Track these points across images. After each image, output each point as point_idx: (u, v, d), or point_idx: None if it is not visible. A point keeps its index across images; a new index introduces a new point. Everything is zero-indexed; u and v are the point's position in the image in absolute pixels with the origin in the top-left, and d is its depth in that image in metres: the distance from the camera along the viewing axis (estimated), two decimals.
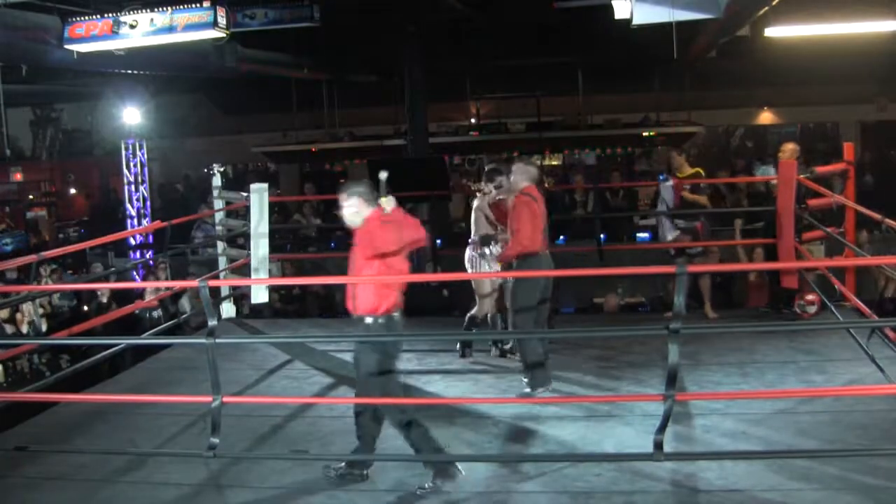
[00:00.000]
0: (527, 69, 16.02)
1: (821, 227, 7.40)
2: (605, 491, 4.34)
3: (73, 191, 18.71)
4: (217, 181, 8.47)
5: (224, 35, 8.01)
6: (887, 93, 16.19)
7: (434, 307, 9.59)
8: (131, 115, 14.96)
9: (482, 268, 6.79)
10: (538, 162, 14.97)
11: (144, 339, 7.26)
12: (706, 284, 7.88)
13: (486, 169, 6.79)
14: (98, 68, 10.58)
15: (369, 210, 4.62)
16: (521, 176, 6.05)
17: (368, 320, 4.59)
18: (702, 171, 8.18)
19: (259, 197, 7.59)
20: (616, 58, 14.22)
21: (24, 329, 8.66)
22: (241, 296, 8.77)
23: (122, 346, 6.88)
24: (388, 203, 4.62)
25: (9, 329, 8.66)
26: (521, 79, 16.74)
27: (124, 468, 4.89)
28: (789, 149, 7.81)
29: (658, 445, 4.43)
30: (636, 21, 7.24)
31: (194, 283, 5.26)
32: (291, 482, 4.63)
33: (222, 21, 7.79)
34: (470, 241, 6.91)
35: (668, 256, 8.02)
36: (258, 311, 8.96)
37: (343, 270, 4.97)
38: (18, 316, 8.77)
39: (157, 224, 8.71)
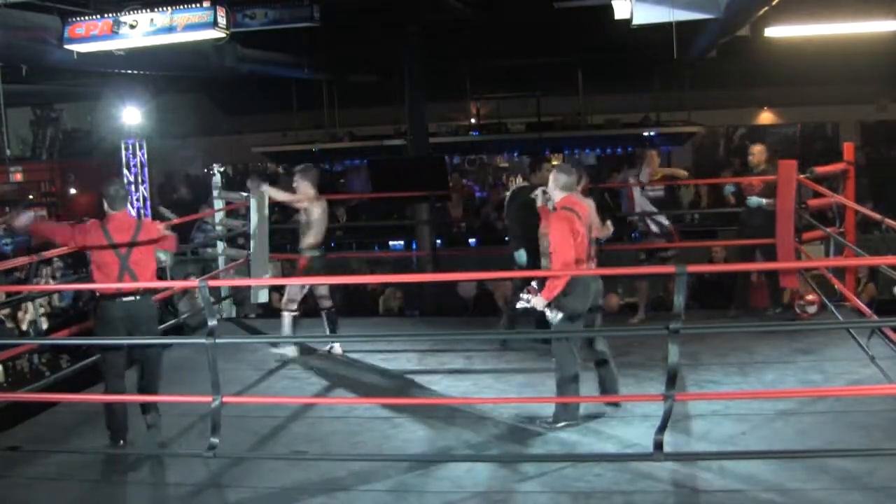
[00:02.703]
0: (527, 69, 16.03)
1: (820, 226, 7.40)
2: (605, 491, 4.34)
3: (73, 191, 18.71)
4: (217, 181, 8.48)
5: (224, 35, 8.00)
6: (887, 93, 16.19)
7: (451, 308, 9.64)
8: (131, 115, 14.95)
9: None
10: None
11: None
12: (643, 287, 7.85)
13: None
14: (98, 68, 10.57)
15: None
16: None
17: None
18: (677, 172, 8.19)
19: (259, 197, 7.59)
20: (616, 58, 14.23)
21: (25, 327, 8.68)
22: (242, 298, 8.76)
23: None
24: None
25: (9, 325, 8.68)
26: (521, 79, 16.75)
27: (124, 468, 4.89)
28: (758, 151, 7.83)
29: (658, 445, 4.44)
30: (636, 21, 7.24)
31: (194, 282, 5.26)
32: (291, 482, 4.63)
33: (222, 21, 7.78)
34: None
35: (639, 259, 8.00)
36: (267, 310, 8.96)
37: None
38: (20, 315, 8.79)
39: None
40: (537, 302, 5.07)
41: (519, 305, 5.22)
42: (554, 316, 5.11)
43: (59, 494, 4.64)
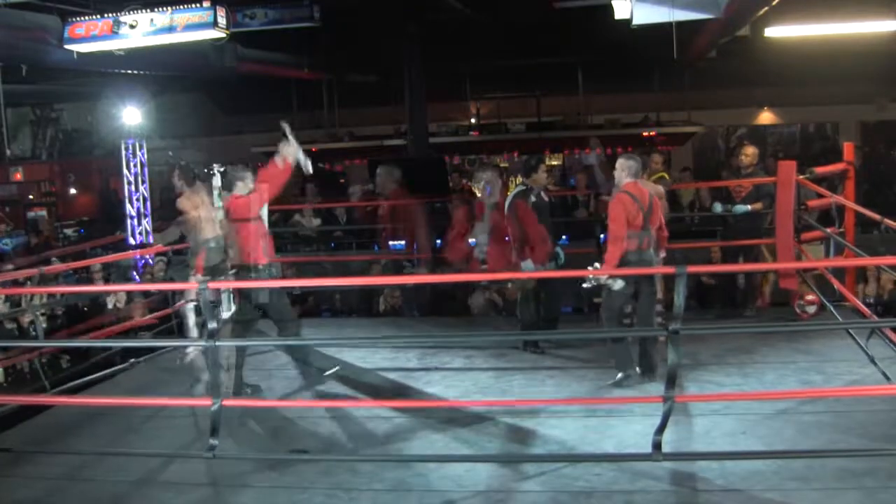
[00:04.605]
0: (527, 69, 16.03)
1: (820, 227, 7.40)
2: (605, 491, 4.34)
3: (73, 191, 18.70)
4: (217, 181, 8.46)
5: (224, 35, 8.01)
6: (887, 93, 16.20)
7: (449, 309, 9.62)
8: (131, 115, 14.93)
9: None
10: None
11: (144, 341, 7.27)
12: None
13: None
14: (98, 68, 10.58)
15: None
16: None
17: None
18: (666, 176, 8.18)
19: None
20: (616, 58, 14.23)
21: (26, 325, 8.67)
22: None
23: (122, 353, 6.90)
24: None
25: (9, 326, 8.67)
26: (521, 79, 16.75)
27: (124, 468, 4.89)
28: (751, 152, 7.86)
29: (657, 446, 4.45)
30: (636, 21, 7.24)
31: (194, 284, 5.27)
32: (291, 482, 4.63)
33: (222, 21, 7.80)
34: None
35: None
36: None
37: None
38: (19, 315, 8.78)
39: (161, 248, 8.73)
40: (602, 277, 5.81)
41: (585, 286, 5.89)
42: (614, 282, 5.84)
43: (59, 494, 4.64)
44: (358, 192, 7.88)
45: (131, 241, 14.18)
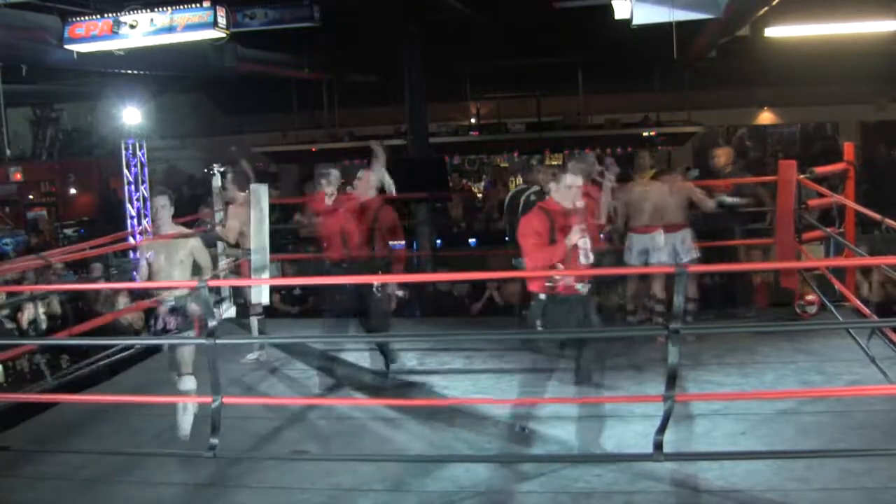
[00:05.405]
0: (527, 69, 16.03)
1: (820, 227, 7.40)
2: (605, 491, 4.34)
3: (73, 191, 18.70)
4: (217, 181, 8.46)
5: (224, 35, 8.01)
6: (887, 93, 16.20)
7: (445, 308, 9.62)
8: (131, 115, 14.93)
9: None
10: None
11: (144, 340, 7.26)
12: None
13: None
14: (98, 68, 10.57)
15: None
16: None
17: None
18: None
19: (259, 196, 7.57)
20: (616, 58, 14.22)
21: (25, 325, 8.65)
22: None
23: (121, 346, 6.89)
24: None
25: (9, 325, 8.66)
26: (521, 79, 16.76)
27: (124, 468, 4.89)
28: (723, 153, 7.89)
29: (658, 446, 4.44)
30: (636, 21, 7.23)
31: (194, 283, 5.26)
32: (291, 482, 4.63)
33: (222, 21, 7.79)
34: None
35: None
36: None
37: None
38: (19, 315, 8.77)
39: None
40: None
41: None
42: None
43: (59, 494, 4.64)
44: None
45: (132, 241, 14.19)
